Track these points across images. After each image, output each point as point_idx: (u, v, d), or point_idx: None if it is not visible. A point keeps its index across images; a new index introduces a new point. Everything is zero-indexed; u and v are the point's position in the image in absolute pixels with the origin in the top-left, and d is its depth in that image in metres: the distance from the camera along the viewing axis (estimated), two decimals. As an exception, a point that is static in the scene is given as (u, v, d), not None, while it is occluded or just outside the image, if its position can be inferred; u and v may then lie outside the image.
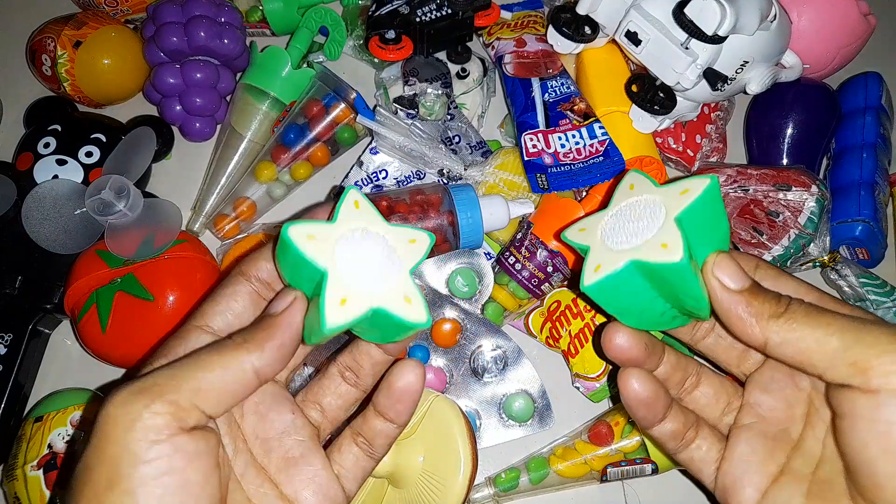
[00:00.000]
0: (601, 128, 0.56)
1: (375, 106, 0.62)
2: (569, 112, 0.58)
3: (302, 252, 0.28)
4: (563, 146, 0.56)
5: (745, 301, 0.29)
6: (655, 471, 0.51)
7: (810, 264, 0.58)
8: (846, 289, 0.57)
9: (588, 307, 0.55)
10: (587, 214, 0.33)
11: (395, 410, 0.32)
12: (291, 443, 0.30)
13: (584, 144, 0.56)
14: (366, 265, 0.28)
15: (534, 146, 0.56)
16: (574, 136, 0.56)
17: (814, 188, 0.56)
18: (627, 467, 0.51)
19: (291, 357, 0.29)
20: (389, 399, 0.32)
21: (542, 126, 0.57)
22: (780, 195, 0.56)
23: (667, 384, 0.34)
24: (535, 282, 0.55)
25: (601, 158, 0.55)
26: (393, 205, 0.52)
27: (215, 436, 0.26)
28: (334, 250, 0.28)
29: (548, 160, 0.55)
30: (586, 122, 0.57)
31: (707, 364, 0.36)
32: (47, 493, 0.46)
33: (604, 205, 0.33)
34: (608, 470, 0.51)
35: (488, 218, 0.53)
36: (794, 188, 0.56)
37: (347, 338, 0.33)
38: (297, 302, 0.29)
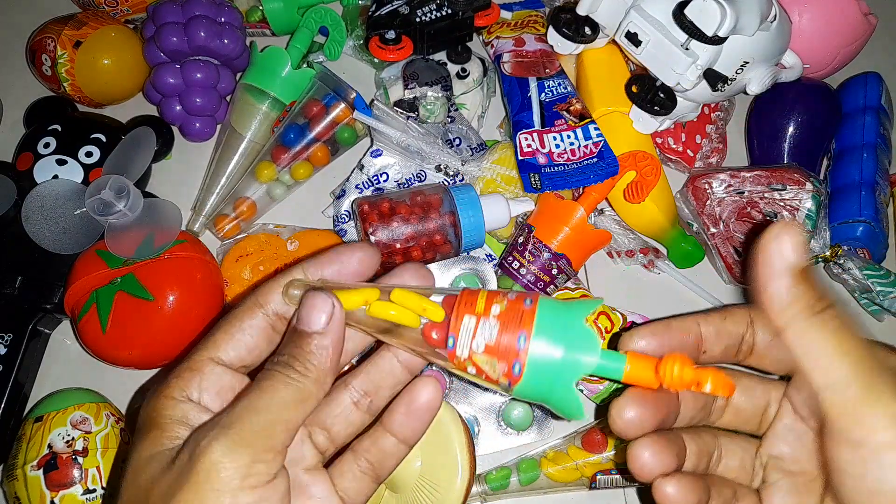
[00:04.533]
0: (596, 129, 0.56)
1: (372, 101, 0.62)
2: (565, 112, 0.58)
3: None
4: (557, 146, 0.56)
5: (789, 282, 0.26)
6: None
7: (812, 261, 0.58)
8: (851, 282, 0.58)
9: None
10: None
11: (411, 429, 0.31)
12: (297, 472, 0.30)
13: (579, 145, 0.56)
14: None
15: (528, 145, 0.56)
16: (569, 137, 0.56)
17: (808, 185, 0.56)
18: (617, 476, 0.51)
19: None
20: (408, 417, 0.31)
21: (537, 126, 0.57)
22: (776, 195, 0.56)
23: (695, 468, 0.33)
24: (540, 285, 0.55)
25: (595, 160, 0.55)
26: (394, 207, 0.52)
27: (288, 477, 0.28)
28: None
29: (542, 160, 0.55)
30: (581, 123, 0.57)
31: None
32: (47, 493, 0.46)
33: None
34: (598, 477, 0.51)
35: (489, 217, 0.54)
36: (788, 186, 0.56)
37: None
38: (337, 314, 0.28)
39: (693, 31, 0.49)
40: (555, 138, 0.56)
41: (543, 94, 0.59)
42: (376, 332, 0.31)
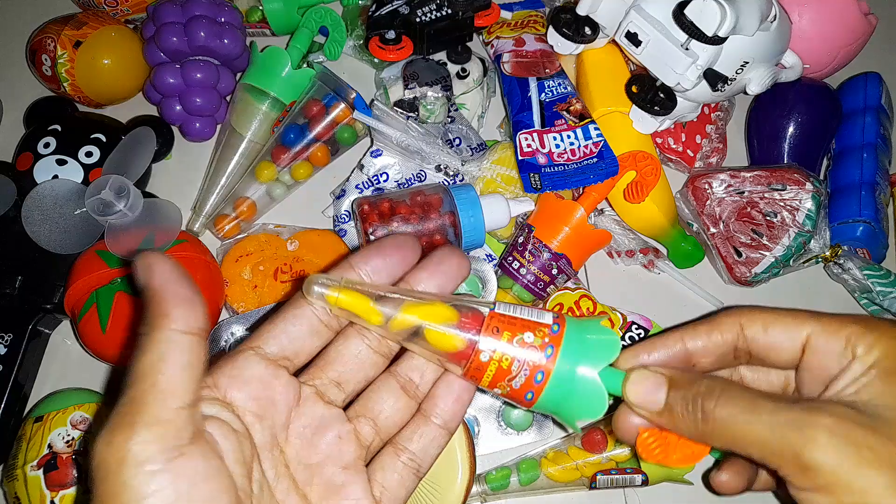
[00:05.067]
0: (596, 129, 0.56)
1: (372, 101, 0.62)
2: (565, 112, 0.58)
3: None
4: (557, 146, 0.56)
5: (668, 423, 0.29)
6: (645, 482, 0.51)
7: (812, 261, 0.58)
8: (851, 282, 0.58)
9: (591, 309, 0.55)
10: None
11: (453, 413, 0.31)
12: (334, 470, 0.29)
13: (579, 145, 0.56)
14: None
15: (528, 146, 0.56)
16: (569, 137, 0.56)
17: (808, 185, 0.56)
18: (617, 476, 0.51)
19: (203, 301, 0.27)
20: (448, 399, 0.31)
21: (537, 126, 0.57)
22: (776, 195, 0.56)
23: None
24: (540, 285, 0.55)
25: (595, 160, 0.55)
26: (394, 207, 0.52)
27: (218, 448, 0.26)
28: None
29: (542, 160, 0.55)
30: (582, 123, 0.57)
31: None
32: (47, 494, 0.46)
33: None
34: (598, 477, 0.51)
35: (489, 217, 0.54)
36: (788, 186, 0.56)
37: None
38: (162, 261, 0.26)
39: (693, 31, 0.49)
40: (555, 138, 0.56)
41: (543, 94, 0.59)
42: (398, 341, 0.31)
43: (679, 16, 0.49)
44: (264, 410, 0.28)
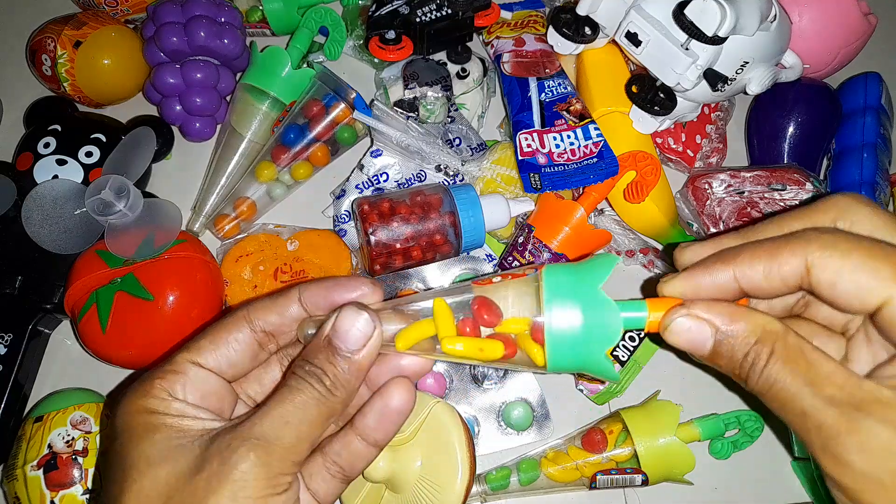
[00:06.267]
0: (596, 129, 0.56)
1: (372, 101, 0.62)
2: (565, 112, 0.58)
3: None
4: (557, 146, 0.56)
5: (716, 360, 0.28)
6: (646, 482, 0.51)
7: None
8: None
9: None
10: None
11: (383, 432, 0.31)
12: None
13: (579, 145, 0.56)
14: None
15: (528, 146, 0.56)
16: (569, 137, 0.56)
17: (808, 185, 0.56)
18: (617, 476, 0.51)
19: None
20: (380, 421, 0.31)
21: (537, 126, 0.57)
22: (776, 195, 0.56)
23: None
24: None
25: (595, 160, 0.55)
26: (394, 207, 0.52)
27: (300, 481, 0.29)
28: None
29: (542, 160, 0.55)
30: (582, 123, 0.57)
31: None
32: (47, 494, 0.46)
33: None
34: (598, 477, 0.51)
35: (489, 217, 0.54)
36: (788, 186, 0.56)
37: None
38: (375, 339, 0.29)
39: (693, 31, 0.49)
40: (555, 138, 0.56)
41: (543, 94, 0.59)
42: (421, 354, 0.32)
43: (679, 16, 0.49)
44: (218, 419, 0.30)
